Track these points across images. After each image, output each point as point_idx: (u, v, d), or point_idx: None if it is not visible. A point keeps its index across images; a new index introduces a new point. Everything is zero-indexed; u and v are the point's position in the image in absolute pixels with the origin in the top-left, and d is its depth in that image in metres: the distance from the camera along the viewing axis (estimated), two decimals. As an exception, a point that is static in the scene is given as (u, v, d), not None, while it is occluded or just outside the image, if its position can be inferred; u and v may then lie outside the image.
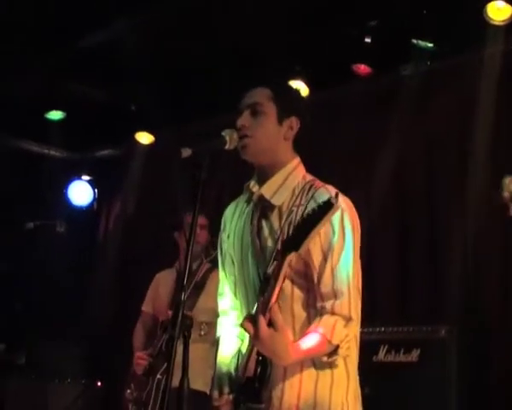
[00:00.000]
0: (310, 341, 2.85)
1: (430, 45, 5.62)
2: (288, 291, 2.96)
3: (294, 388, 2.95)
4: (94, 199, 8.51)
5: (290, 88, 3.37)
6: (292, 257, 2.73)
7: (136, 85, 6.76)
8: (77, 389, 6.76)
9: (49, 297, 7.92)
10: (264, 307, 2.74)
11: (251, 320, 2.75)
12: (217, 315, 3.42)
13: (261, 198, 3.11)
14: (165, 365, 5.00)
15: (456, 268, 5.44)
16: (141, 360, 5.20)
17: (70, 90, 7.23)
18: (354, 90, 6.27)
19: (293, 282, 2.97)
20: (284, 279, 2.79)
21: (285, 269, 2.75)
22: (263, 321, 2.72)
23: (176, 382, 2.67)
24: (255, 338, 2.74)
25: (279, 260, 2.76)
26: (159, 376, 5.07)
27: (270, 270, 2.88)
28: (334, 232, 2.92)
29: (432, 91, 5.87)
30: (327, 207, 2.64)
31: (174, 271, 5.57)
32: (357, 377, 3.08)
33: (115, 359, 6.93)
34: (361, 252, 3.04)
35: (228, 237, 3.29)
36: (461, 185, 5.57)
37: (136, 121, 7.49)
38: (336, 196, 2.67)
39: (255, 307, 2.84)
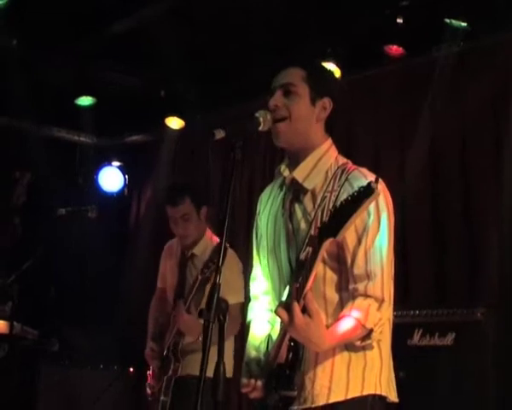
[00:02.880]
0: (344, 326, 2.83)
1: (463, 25, 5.54)
2: (321, 274, 2.94)
3: (327, 370, 2.94)
4: (124, 185, 8.52)
5: (323, 68, 3.34)
6: (328, 243, 2.70)
7: (165, 71, 6.76)
8: (109, 375, 6.77)
9: (81, 283, 7.95)
10: (299, 294, 2.72)
11: (285, 307, 2.74)
12: (248, 299, 3.41)
13: (293, 181, 3.09)
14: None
15: (492, 250, 5.38)
16: (149, 358, 5.14)
17: (100, 76, 7.24)
18: (386, 71, 6.22)
19: (325, 264, 2.94)
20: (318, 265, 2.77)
21: (321, 255, 2.72)
22: (297, 308, 2.70)
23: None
24: (290, 325, 2.72)
25: (315, 245, 2.72)
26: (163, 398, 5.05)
27: (302, 255, 2.86)
28: (369, 215, 2.89)
29: (465, 72, 5.80)
30: (367, 192, 2.59)
31: (178, 243, 5.33)
32: (391, 360, 3.07)
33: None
34: (395, 234, 3.01)
35: (262, 221, 3.27)
36: (496, 167, 5.51)
37: (166, 106, 7.47)
38: (376, 180, 2.63)
39: (287, 293, 2.84)
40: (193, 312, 4.86)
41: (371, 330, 2.84)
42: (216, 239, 5.09)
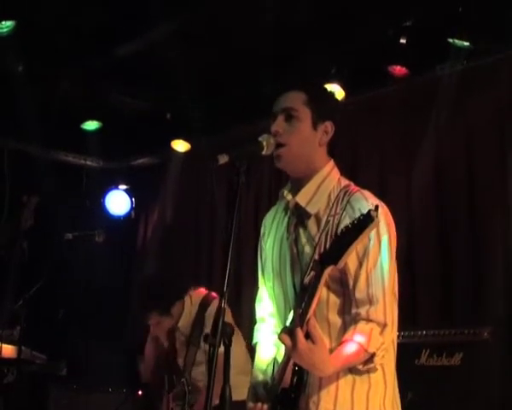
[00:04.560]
0: (347, 350, 2.84)
1: (466, 44, 5.55)
2: (324, 298, 2.94)
3: (331, 394, 2.94)
4: (131, 208, 8.52)
5: (325, 91, 3.33)
6: (330, 270, 2.72)
7: (171, 93, 6.78)
8: (118, 398, 6.75)
9: (89, 307, 7.95)
10: (302, 320, 2.73)
11: (288, 333, 2.74)
12: (254, 322, 3.41)
13: (297, 206, 3.09)
14: None
15: (498, 270, 5.38)
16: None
17: (106, 99, 7.27)
18: (390, 91, 6.23)
19: (328, 288, 2.95)
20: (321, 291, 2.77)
21: (323, 282, 2.73)
22: (300, 334, 2.71)
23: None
24: (293, 351, 2.73)
25: (317, 271, 2.73)
26: None
27: (307, 280, 2.87)
28: (369, 239, 2.89)
29: (469, 90, 5.80)
30: (367, 220, 2.60)
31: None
32: (396, 382, 3.07)
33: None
34: (401, 254, 3.01)
35: (267, 245, 3.27)
36: (502, 185, 5.50)
37: (172, 129, 7.49)
38: (376, 208, 2.64)
39: (291, 318, 2.85)
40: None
41: (373, 355, 2.85)
42: (197, 295, 5.33)
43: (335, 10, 5.59)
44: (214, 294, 5.28)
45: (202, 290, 5.37)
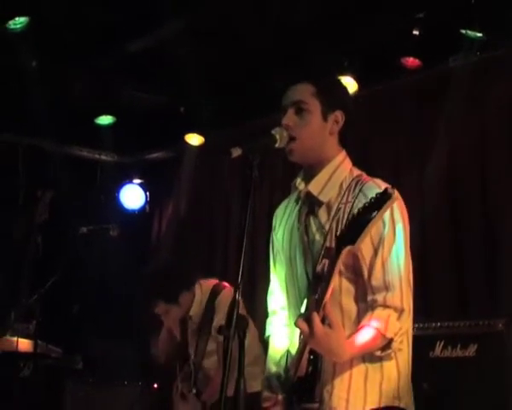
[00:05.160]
0: (364, 336, 2.85)
1: (479, 35, 5.53)
2: (336, 285, 2.93)
3: (345, 382, 2.94)
4: (146, 202, 8.54)
5: (333, 81, 3.34)
6: (347, 251, 2.71)
7: (184, 87, 6.79)
8: (134, 391, 6.78)
9: (104, 301, 7.98)
10: (318, 305, 2.73)
11: (305, 319, 2.74)
12: (266, 314, 3.42)
13: (309, 195, 3.11)
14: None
15: (512, 259, 5.37)
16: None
17: (119, 94, 7.28)
18: (403, 83, 6.22)
19: (341, 275, 2.95)
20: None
21: (339, 265, 2.73)
22: (317, 319, 2.70)
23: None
24: (311, 337, 2.72)
25: (333, 257, 2.73)
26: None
27: (319, 268, 2.87)
28: (384, 225, 2.90)
29: (482, 82, 5.78)
30: (384, 198, 2.60)
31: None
32: (409, 372, 3.06)
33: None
34: (415, 246, 3.02)
35: (278, 236, 3.28)
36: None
37: (186, 123, 7.50)
38: (393, 187, 2.64)
39: (305, 306, 2.86)
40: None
41: (391, 340, 2.85)
42: (207, 284, 5.35)
43: (348, 3, 5.59)
44: (225, 283, 5.30)
45: (213, 280, 5.39)
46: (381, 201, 2.61)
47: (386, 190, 2.61)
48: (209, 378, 5.12)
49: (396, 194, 2.76)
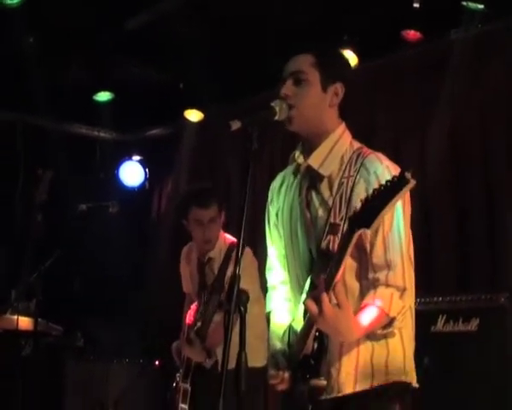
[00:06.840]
0: (369, 315, 2.82)
1: (481, 7, 5.48)
2: None
3: (352, 359, 2.93)
4: (145, 179, 8.54)
5: (334, 53, 3.28)
6: (360, 234, 2.67)
7: (183, 63, 6.75)
8: (135, 368, 6.79)
9: (104, 278, 7.98)
10: (328, 285, 2.70)
11: (314, 299, 2.72)
12: (266, 290, 3.40)
13: (309, 169, 3.06)
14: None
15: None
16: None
17: (118, 70, 7.25)
18: (404, 56, 6.18)
19: None
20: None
21: (352, 247, 2.69)
22: (327, 300, 2.68)
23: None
24: (319, 317, 2.69)
25: (345, 238, 2.68)
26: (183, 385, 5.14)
27: (324, 244, 2.84)
28: None
29: (483, 54, 5.74)
30: (402, 182, 2.53)
31: (195, 247, 5.39)
32: (413, 347, 3.04)
33: (173, 338, 6.95)
34: (417, 220, 2.99)
35: (276, 210, 3.25)
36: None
37: (185, 99, 7.47)
38: (402, 171, 2.58)
39: (309, 283, 2.84)
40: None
41: (393, 319, 2.83)
42: (228, 239, 5.19)
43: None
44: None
45: (232, 238, 5.23)
46: (398, 185, 2.53)
47: (403, 174, 2.54)
48: (214, 329, 5.01)
49: (396, 171, 2.72)
